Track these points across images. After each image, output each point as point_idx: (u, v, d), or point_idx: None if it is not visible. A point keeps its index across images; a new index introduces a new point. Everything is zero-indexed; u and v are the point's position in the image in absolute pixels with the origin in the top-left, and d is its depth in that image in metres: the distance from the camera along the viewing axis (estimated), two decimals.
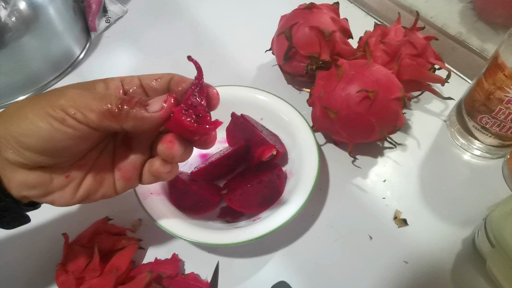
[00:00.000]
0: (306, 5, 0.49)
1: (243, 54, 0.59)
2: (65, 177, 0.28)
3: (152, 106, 0.26)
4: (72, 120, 0.25)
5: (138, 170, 0.31)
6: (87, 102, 0.26)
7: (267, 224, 0.36)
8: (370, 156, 0.47)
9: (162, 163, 0.29)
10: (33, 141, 0.25)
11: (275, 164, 0.42)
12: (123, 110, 0.26)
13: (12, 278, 0.38)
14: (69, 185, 0.28)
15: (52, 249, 0.39)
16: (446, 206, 0.43)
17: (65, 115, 0.25)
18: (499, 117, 0.41)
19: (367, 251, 0.40)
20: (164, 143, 0.28)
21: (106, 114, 0.25)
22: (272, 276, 0.38)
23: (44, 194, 0.28)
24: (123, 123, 0.26)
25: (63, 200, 0.28)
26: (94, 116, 0.25)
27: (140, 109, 0.26)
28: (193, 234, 0.36)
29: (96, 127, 0.26)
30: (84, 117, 0.25)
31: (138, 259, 0.39)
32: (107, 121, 0.26)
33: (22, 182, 0.26)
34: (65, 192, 0.28)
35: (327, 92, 0.42)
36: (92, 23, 0.62)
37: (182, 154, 0.28)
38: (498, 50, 0.39)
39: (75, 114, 0.25)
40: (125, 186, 0.31)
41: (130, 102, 0.26)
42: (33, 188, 0.27)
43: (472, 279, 0.38)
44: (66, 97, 0.26)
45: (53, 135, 0.25)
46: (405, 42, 0.46)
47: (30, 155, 0.25)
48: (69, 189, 0.28)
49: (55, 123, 0.25)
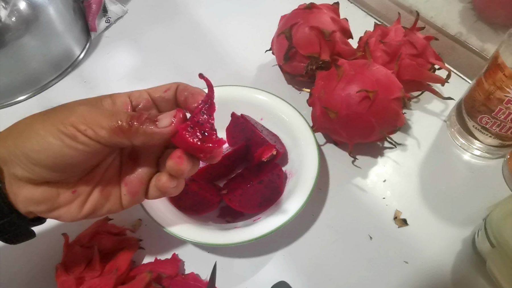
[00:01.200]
0: (306, 5, 0.49)
1: (243, 54, 0.59)
2: (72, 192, 0.28)
3: (162, 121, 0.27)
4: (83, 137, 0.25)
5: (145, 185, 0.31)
6: (97, 119, 0.26)
7: (267, 224, 0.36)
8: (370, 156, 0.47)
9: (169, 178, 0.30)
10: (44, 157, 0.25)
11: (275, 164, 0.42)
12: (133, 126, 0.26)
13: (12, 278, 0.38)
14: (76, 200, 0.29)
15: (52, 249, 0.39)
16: (446, 206, 0.43)
17: (76, 131, 0.25)
18: (499, 117, 0.41)
19: (367, 251, 0.40)
20: (173, 159, 0.28)
21: (117, 131, 0.26)
22: (272, 276, 0.38)
23: (50, 210, 0.28)
24: (133, 139, 0.26)
25: (69, 216, 0.29)
26: (105, 133, 0.26)
27: (150, 125, 0.26)
28: (193, 234, 0.36)
29: (106, 143, 0.26)
30: (95, 134, 0.26)
31: (138, 259, 0.39)
32: (117, 138, 0.26)
33: (28, 197, 0.27)
34: (71, 208, 0.28)
35: (327, 92, 0.42)
36: (92, 23, 0.62)
37: (189, 169, 0.29)
38: (498, 50, 0.39)
39: (86, 130, 0.25)
40: (132, 200, 0.31)
41: (140, 118, 0.26)
42: (39, 204, 0.27)
43: (472, 279, 0.38)
44: (77, 114, 0.26)
45: (64, 151, 0.25)
46: (405, 42, 0.46)
47: (40, 171, 0.26)
48: (75, 204, 0.29)
49: (67, 139, 0.25)
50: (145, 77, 0.57)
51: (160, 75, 0.57)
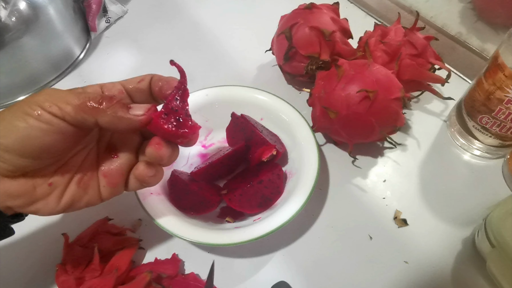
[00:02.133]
0: (306, 5, 0.49)
1: (243, 54, 0.59)
2: (48, 184, 0.28)
3: (134, 109, 0.27)
4: (47, 114, 0.25)
5: (125, 175, 0.31)
6: (64, 97, 0.26)
7: (267, 224, 0.36)
8: (370, 156, 0.47)
9: (146, 166, 0.30)
10: (11, 141, 0.25)
11: (275, 164, 0.42)
12: (103, 105, 0.26)
13: (12, 278, 0.38)
14: (53, 193, 0.28)
15: (52, 249, 0.39)
16: (446, 206, 0.43)
17: (40, 109, 0.25)
18: (499, 117, 0.41)
19: (367, 251, 0.40)
20: (151, 146, 0.29)
21: (83, 107, 0.26)
22: (272, 276, 0.38)
23: (28, 204, 0.28)
24: (99, 117, 0.26)
25: (47, 209, 0.28)
26: (70, 109, 0.25)
27: (121, 109, 0.27)
28: (193, 234, 0.36)
29: (72, 120, 0.26)
30: (60, 110, 0.25)
31: (138, 259, 0.39)
32: (83, 114, 0.26)
33: (5, 191, 0.26)
34: (49, 201, 0.28)
35: (327, 92, 0.42)
36: (92, 23, 0.62)
37: (169, 155, 0.29)
38: (498, 50, 0.39)
39: (50, 107, 0.25)
40: (111, 192, 0.31)
41: (111, 100, 0.27)
42: (16, 198, 0.27)
43: (472, 279, 0.38)
44: (43, 93, 0.26)
45: (29, 132, 0.25)
46: (405, 42, 0.46)
47: (10, 158, 0.25)
48: (52, 197, 0.28)
49: (31, 119, 0.25)
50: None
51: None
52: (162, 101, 0.32)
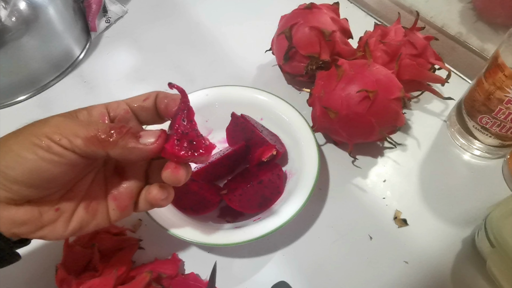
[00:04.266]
0: (306, 5, 0.49)
1: (243, 54, 0.59)
2: (55, 210, 0.27)
3: (145, 138, 0.26)
4: (57, 147, 0.25)
5: (134, 198, 0.31)
6: (72, 128, 0.25)
7: (267, 224, 0.36)
8: (370, 156, 0.47)
9: (159, 190, 0.29)
10: (19, 173, 0.24)
11: (275, 164, 0.42)
12: (113, 138, 0.25)
13: (12, 278, 0.38)
14: (60, 218, 0.28)
15: (52, 249, 0.39)
16: (446, 206, 0.43)
17: (50, 142, 0.25)
18: (499, 117, 0.41)
19: (367, 251, 0.40)
20: (169, 169, 0.28)
21: (93, 140, 0.25)
22: (272, 276, 0.38)
23: (34, 230, 0.27)
24: (110, 150, 0.26)
25: (55, 234, 0.28)
26: (80, 142, 0.25)
27: (131, 139, 0.26)
28: (193, 234, 0.36)
29: (82, 153, 0.25)
30: (70, 143, 0.25)
31: (138, 259, 0.39)
32: (93, 147, 0.25)
33: (10, 219, 0.26)
34: (56, 226, 0.28)
35: (327, 92, 0.42)
36: (92, 23, 0.62)
37: (186, 176, 0.29)
38: (498, 50, 0.39)
39: (60, 140, 0.25)
40: (120, 215, 0.31)
41: (121, 130, 0.26)
42: (22, 225, 0.26)
43: (472, 279, 0.38)
44: (50, 125, 0.25)
45: (39, 164, 0.24)
46: (405, 42, 0.46)
47: (18, 188, 0.25)
48: (60, 222, 0.28)
49: (40, 151, 0.24)
50: (145, 77, 0.57)
51: (160, 75, 0.57)
52: (168, 118, 0.31)
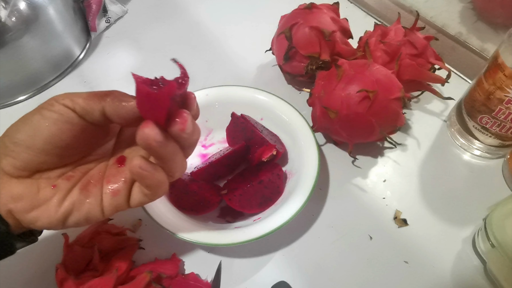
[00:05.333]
0: (306, 5, 0.49)
1: (243, 54, 0.59)
2: (52, 187, 0.28)
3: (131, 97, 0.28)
4: (59, 106, 0.27)
5: (128, 185, 0.30)
6: (79, 93, 0.28)
7: (267, 224, 0.36)
8: (370, 156, 0.47)
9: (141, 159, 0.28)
10: (24, 134, 0.27)
11: (275, 164, 0.42)
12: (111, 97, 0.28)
13: (12, 278, 0.38)
14: (55, 196, 0.28)
15: (52, 249, 0.39)
16: (446, 206, 0.43)
17: (54, 102, 0.27)
18: (499, 117, 0.41)
19: (367, 251, 0.40)
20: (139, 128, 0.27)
21: (92, 96, 0.27)
22: (272, 276, 0.38)
23: (29, 208, 0.27)
24: (104, 103, 0.27)
25: (46, 216, 0.28)
26: (80, 100, 0.27)
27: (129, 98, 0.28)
28: (193, 234, 0.36)
29: (80, 110, 0.27)
30: (72, 102, 0.27)
31: (138, 259, 0.39)
32: (91, 102, 0.27)
33: (9, 192, 0.27)
34: (49, 205, 0.28)
35: (327, 92, 0.42)
36: (92, 23, 0.62)
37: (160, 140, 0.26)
38: (498, 50, 0.39)
39: (63, 99, 0.27)
40: (112, 203, 0.30)
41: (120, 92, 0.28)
42: (19, 200, 0.27)
43: (472, 279, 0.38)
44: (62, 93, 0.28)
45: (40, 123, 0.27)
46: (405, 42, 0.46)
47: (18, 151, 0.27)
48: (54, 201, 0.28)
49: (44, 111, 0.27)
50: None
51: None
52: None
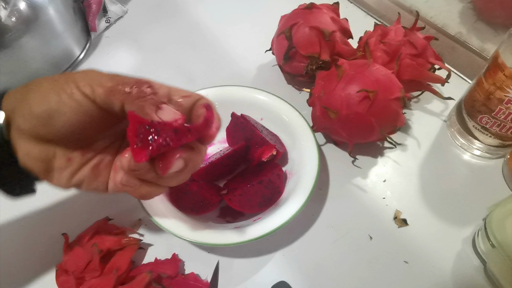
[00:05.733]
0: (306, 5, 0.49)
1: (243, 54, 0.59)
2: (67, 159, 0.28)
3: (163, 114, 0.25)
4: (79, 94, 0.25)
5: None
6: (99, 78, 0.26)
7: (267, 224, 0.36)
8: (370, 156, 0.47)
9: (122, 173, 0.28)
10: (41, 110, 0.26)
11: (275, 164, 0.42)
12: (133, 92, 0.25)
13: (12, 278, 0.38)
14: (67, 169, 0.28)
15: (52, 249, 0.39)
16: (446, 206, 0.43)
17: (74, 88, 0.25)
18: (499, 117, 0.41)
19: (367, 251, 0.40)
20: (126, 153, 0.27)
21: (113, 89, 0.25)
22: (272, 276, 0.38)
23: (42, 171, 0.28)
24: (126, 103, 0.25)
25: (57, 182, 0.29)
26: (101, 91, 0.25)
27: (150, 106, 0.25)
28: (193, 234, 0.36)
29: (101, 102, 0.26)
30: (92, 91, 0.25)
31: (138, 259, 0.39)
32: (111, 96, 0.25)
33: (26, 152, 0.27)
34: (62, 175, 0.28)
35: (327, 92, 0.42)
36: (92, 23, 0.62)
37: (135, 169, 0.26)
38: (498, 50, 0.39)
39: (84, 87, 0.25)
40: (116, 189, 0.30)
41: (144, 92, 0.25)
42: (35, 161, 0.27)
43: (472, 279, 0.38)
44: (81, 72, 0.26)
45: (59, 107, 0.25)
46: (405, 42, 0.46)
47: (37, 124, 0.26)
48: (66, 173, 0.28)
49: (64, 95, 0.25)
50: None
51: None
52: None
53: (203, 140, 0.27)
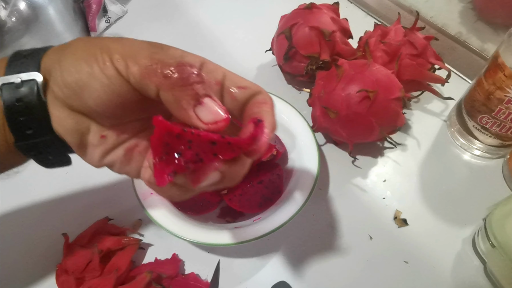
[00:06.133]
0: (306, 5, 0.49)
1: (243, 54, 0.59)
2: (100, 136, 0.25)
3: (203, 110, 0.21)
4: (112, 69, 0.22)
5: None
6: (137, 52, 0.22)
7: (267, 224, 0.36)
8: (370, 156, 0.47)
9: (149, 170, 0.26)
10: (72, 80, 0.23)
11: (275, 164, 0.42)
12: (171, 78, 0.21)
13: (12, 278, 0.38)
14: (100, 147, 0.26)
15: (52, 249, 0.39)
16: (446, 206, 0.43)
17: (107, 60, 0.22)
18: (499, 117, 0.41)
19: (367, 251, 0.40)
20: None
21: (150, 71, 0.21)
22: (272, 276, 0.38)
23: (75, 145, 0.25)
24: (161, 90, 0.21)
25: (90, 159, 0.26)
26: (136, 70, 0.21)
27: (189, 99, 0.21)
28: (193, 234, 0.36)
29: (134, 83, 0.22)
30: (126, 68, 0.22)
31: (138, 259, 0.39)
32: (147, 79, 0.21)
33: (60, 120, 0.24)
34: (94, 152, 0.26)
35: (327, 92, 0.42)
36: (92, 23, 0.62)
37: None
38: (498, 50, 0.39)
39: (117, 61, 0.22)
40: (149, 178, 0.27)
41: (186, 78, 0.21)
42: (68, 131, 0.24)
43: (472, 279, 0.38)
44: (120, 43, 0.23)
45: (89, 81, 0.22)
46: (405, 42, 0.46)
47: (69, 94, 0.23)
48: (99, 151, 0.26)
49: (96, 67, 0.22)
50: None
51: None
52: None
53: (248, 154, 0.22)
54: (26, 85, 0.23)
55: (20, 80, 0.23)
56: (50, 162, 0.27)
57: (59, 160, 0.27)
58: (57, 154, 0.27)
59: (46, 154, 0.26)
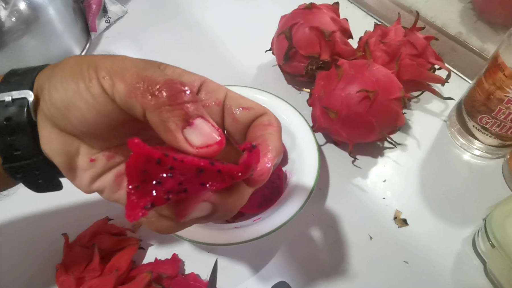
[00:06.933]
0: (306, 5, 0.49)
1: (243, 54, 0.59)
2: (90, 160, 0.24)
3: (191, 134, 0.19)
4: (97, 87, 0.20)
5: None
6: (124, 69, 0.20)
7: (267, 224, 0.36)
8: (370, 156, 0.47)
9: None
10: (58, 97, 0.21)
11: None
12: (158, 98, 0.19)
13: (12, 278, 0.38)
14: (90, 170, 0.24)
15: (52, 249, 0.39)
16: (446, 206, 0.43)
17: (94, 77, 0.20)
18: (499, 117, 0.41)
19: (367, 251, 0.40)
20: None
21: (136, 89, 0.19)
22: (272, 276, 0.38)
23: (64, 167, 0.23)
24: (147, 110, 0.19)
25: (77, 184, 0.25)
26: (122, 88, 0.19)
27: (177, 121, 0.19)
28: (193, 234, 0.36)
29: (120, 102, 0.20)
30: (112, 86, 0.20)
31: (138, 259, 0.39)
32: (133, 100, 0.19)
33: (49, 140, 0.23)
34: (83, 177, 0.24)
35: (327, 92, 0.42)
36: (92, 23, 0.62)
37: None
38: (498, 50, 0.39)
39: (104, 78, 0.20)
40: None
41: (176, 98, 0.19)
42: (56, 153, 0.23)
43: (472, 279, 0.38)
44: (111, 59, 0.21)
45: (75, 99, 0.21)
46: (405, 42, 0.46)
47: (54, 112, 0.22)
48: (87, 175, 0.24)
49: (82, 84, 0.20)
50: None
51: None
52: None
53: (248, 183, 0.20)
54: (16, 104, 0.22)
55: (11, 98, 0.22)
56: (40, 186, 0.26)
57: (50, 184, 0.26)
58: (47, 177, 0.25)
59: (35, 177, 0.25)
